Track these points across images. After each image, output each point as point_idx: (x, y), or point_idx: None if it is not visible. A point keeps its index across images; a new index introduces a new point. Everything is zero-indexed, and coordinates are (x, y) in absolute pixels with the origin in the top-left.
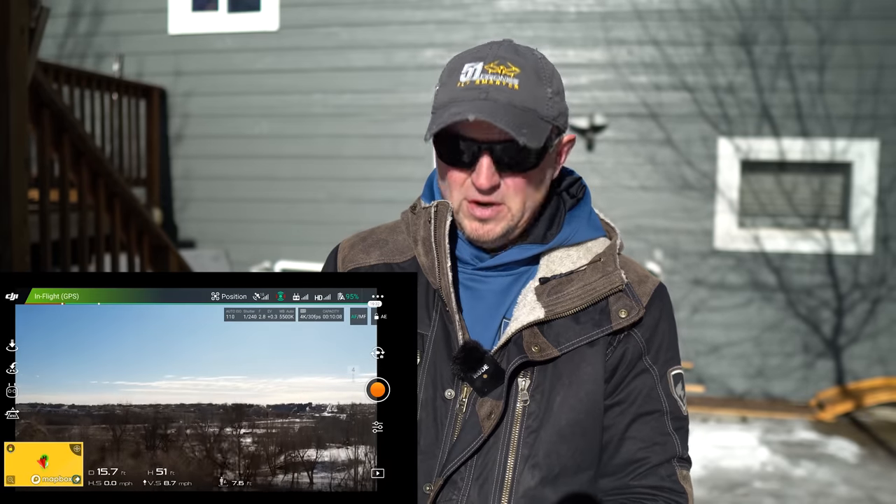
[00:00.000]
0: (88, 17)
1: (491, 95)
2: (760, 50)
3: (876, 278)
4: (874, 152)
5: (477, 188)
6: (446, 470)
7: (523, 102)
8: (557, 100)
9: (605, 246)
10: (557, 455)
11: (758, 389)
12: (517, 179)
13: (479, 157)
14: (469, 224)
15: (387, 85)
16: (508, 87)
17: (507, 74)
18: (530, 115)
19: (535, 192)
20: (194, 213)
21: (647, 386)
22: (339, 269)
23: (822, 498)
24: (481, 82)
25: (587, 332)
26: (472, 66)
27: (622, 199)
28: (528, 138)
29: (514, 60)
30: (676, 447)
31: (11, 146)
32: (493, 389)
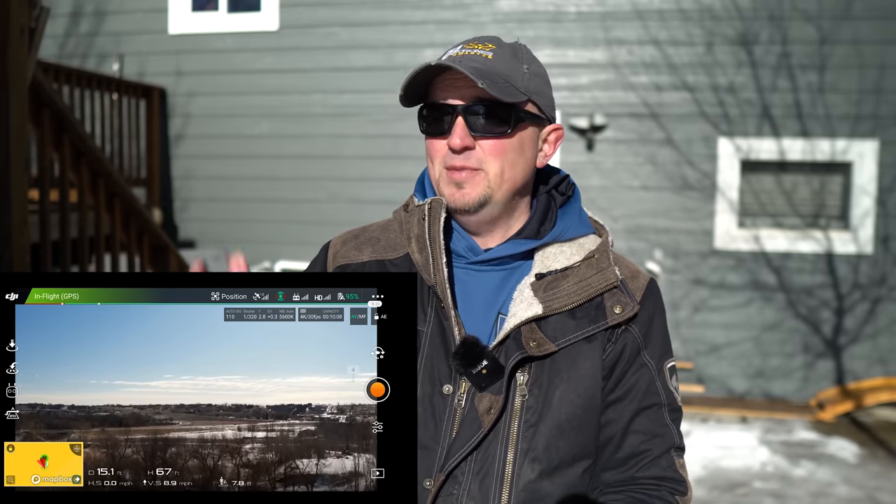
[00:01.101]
0: (89, 17)
1: (464, 63)
2: (761, 50)
3: (876, 278)
4: (874, 152)
5: (450, 148)
6: (447, 465)
7: (494, 68)
8: (536, 80)
9: (596, 243)
10: (556, 448)
11: (758, 389)
12: (493, 143)
13: (454, 120)
14: (447, 190)
15: (387, 85)
16: (482, 56)
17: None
18: (499, 77)
19: (514, 163)
20: (194, 213)
21: (646, 381)
22: (328, 266)
23: (822, 498)
24: (457, 55)
25: (583, 327)
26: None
27: (622, 199)
28: (491, 87)
29: (493, 41)
30: (674, 437)
31: (11, 146)
32: (492, 384)
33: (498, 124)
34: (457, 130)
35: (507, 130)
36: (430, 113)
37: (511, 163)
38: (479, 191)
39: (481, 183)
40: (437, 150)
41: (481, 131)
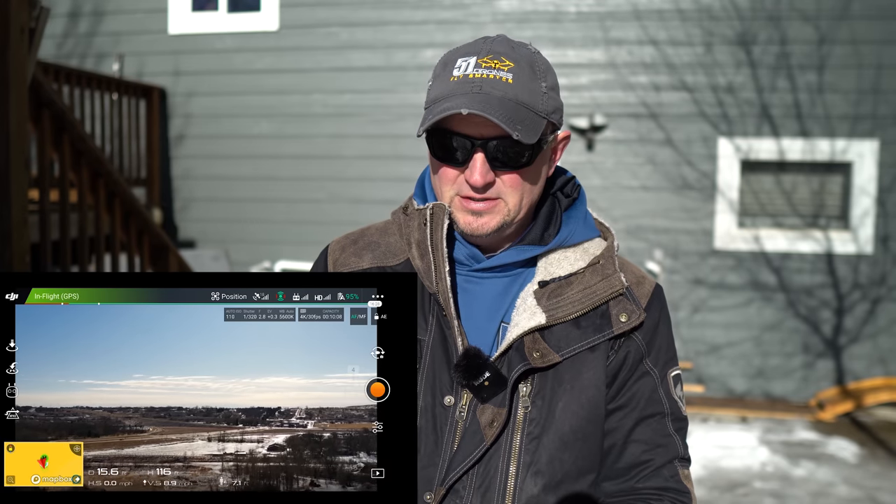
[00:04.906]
0: (88, 17)
1: (484, 89)
2: (760, 50)
3: (876, 278)
4: (874, 152)
5: (471, 186)
6: (448, 479)
7: (517, 97)
8: (553, 95)
9: (601, 247)
10: (560, 461)
11: (758, 389)
12: (512, 176)
13: (472, 154)
14: (463, 217)
15: (387, 85)
16: (502, 80)
17: (501, 68)
18: (524, 109)
19: (532, 189)
20: (194, 213)
21: (648, 389)
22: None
23: (822, 498)
24: (475, 76)
25: (588, 336)
26: (465, 61)
27: (622, 199)
28: (522, 134)
29: (507, 55)
30: (678, 448)
31: (11, 146)
32: (494, 396)
33: (518, 157)
34: (477, 166)
35: (528, 161)
36: (445, 141)
37: (529, 190)
38: (498, 219)
39: (500, 212)
40: (449, 178)
41: (502, 166)
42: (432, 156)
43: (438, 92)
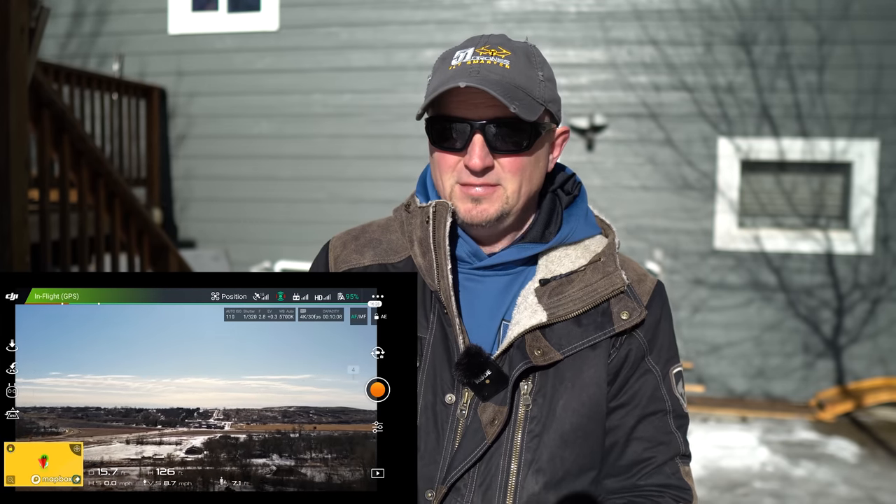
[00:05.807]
0: (90, 18)
1: (483, 73)
2: (760, 50)
3: (876, 278)
4: (874, 152)
5: (470, 169)
6: (450, 478)
7: (514, 80)
8: (549, 86)
9: (602, 244)
10: (561, 459)
11: (758, 389)
12: (511, 160)
13: (471, 137)
14: (463, 206)
15: (387, 85)
16: (499, 66)
17: (498, 56)
18: (521, 92)
19: (531, 178)
20: (194, 213)
21: (650, 387)
22: (330, 269)
23: (822, 498)
24: (472, 62)
25: (589, 334)
26: (462, 52)
27: (622, 199)
28: (520, 109)
29: (504, 45)
30: (679, 445)
31: (11, 146)
32: (495, 394)
33: (517, 141)
34: (476, 150)
35: (527, 146)
36: (444, 126)
37: (528, 177)
38: (497, 207)
39: (499, 199)
40: (449, 165)
41: (501, 149)
42: (432, 144)
43: (437, 81)
